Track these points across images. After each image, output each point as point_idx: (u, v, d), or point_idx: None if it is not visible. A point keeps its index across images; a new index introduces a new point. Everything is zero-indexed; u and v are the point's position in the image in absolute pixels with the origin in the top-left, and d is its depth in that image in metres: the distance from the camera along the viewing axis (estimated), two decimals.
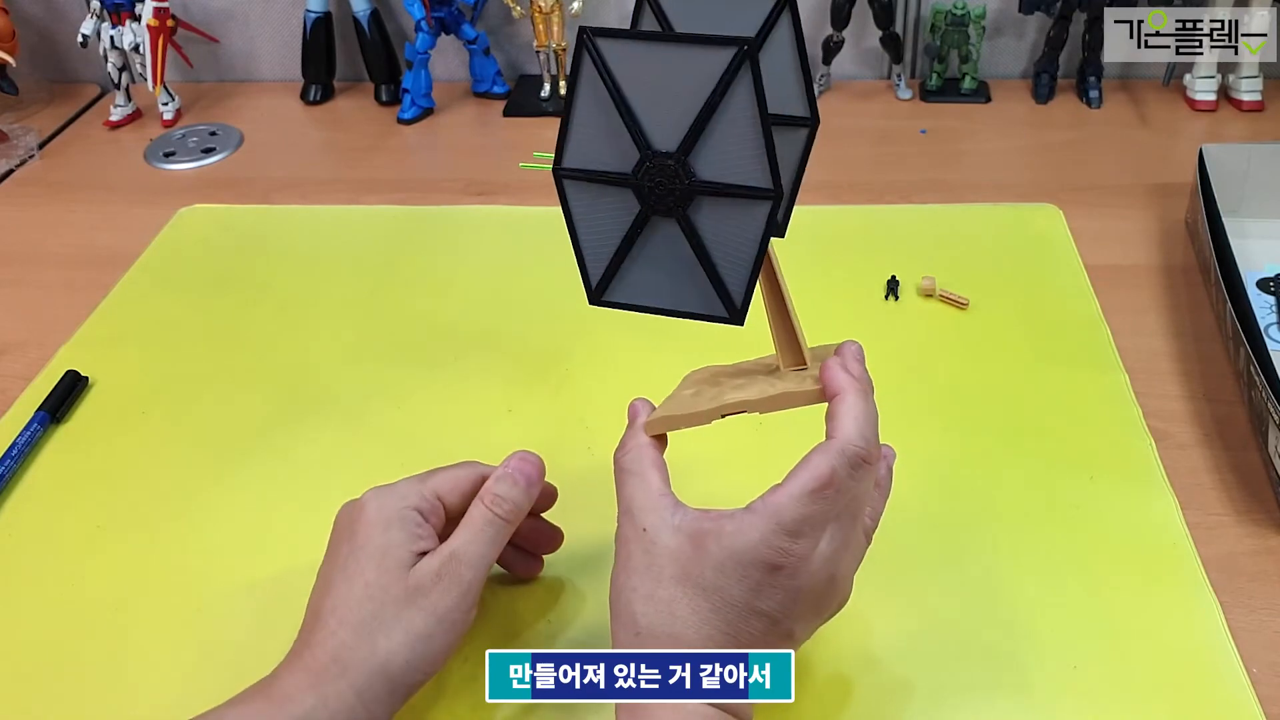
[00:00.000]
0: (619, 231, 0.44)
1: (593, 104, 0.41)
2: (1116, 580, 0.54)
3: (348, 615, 0.43)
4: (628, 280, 0.44)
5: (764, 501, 0.41)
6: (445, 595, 0.43)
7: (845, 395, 0.43)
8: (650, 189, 0.42)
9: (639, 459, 0.44)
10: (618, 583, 0.42)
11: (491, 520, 0.46)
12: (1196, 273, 0.76)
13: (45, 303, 0.80)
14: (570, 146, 0.42)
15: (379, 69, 1.09)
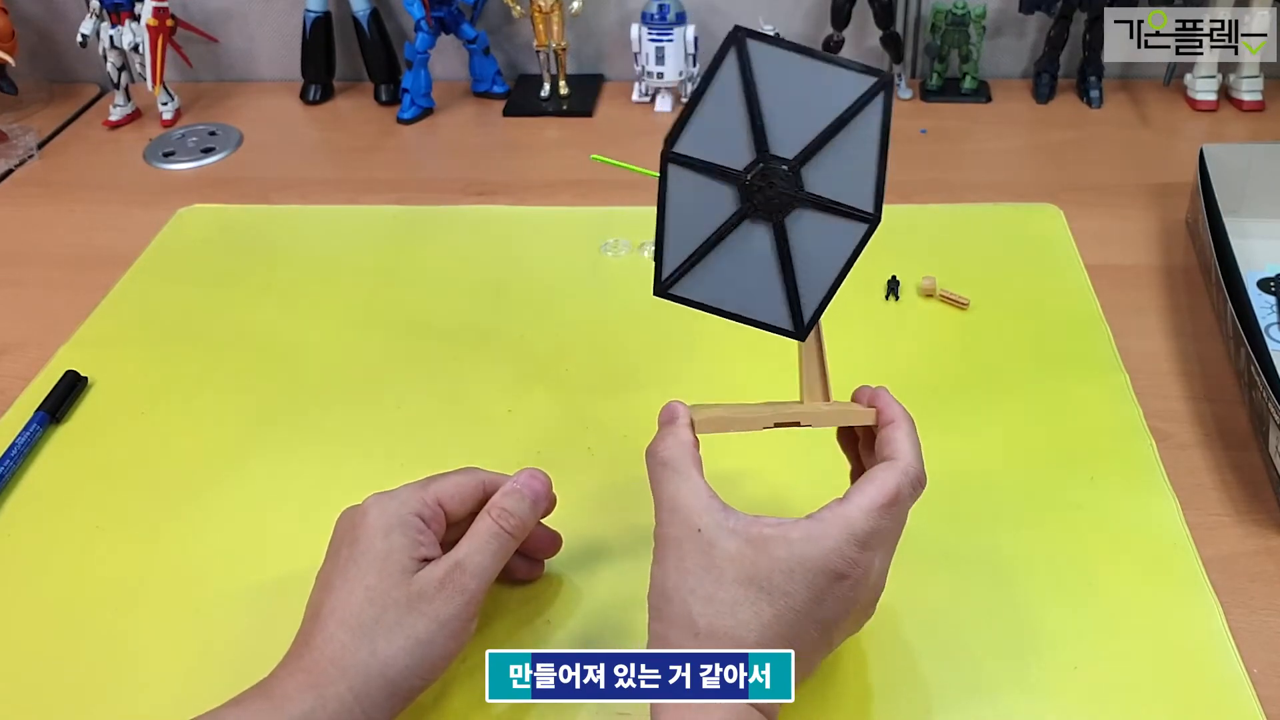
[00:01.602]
0: (709, 227, 0.44)
1: (724, 98, 0.42)
2: (1116, 580, 0.54)
3: (348, 618, 0.43)
4: (700, 277, 0.44)
5: (834, 512, 0.42)
6: (448, 603, 0.43)
7: (901, 422, 0.45)
8: (755, 190, 0.43)
9: (682, 456, 0.43)
10: (669, 583, 0.42)
11: (497, 534, 0.46)
12: (1197, 273, 0.76)
13: (45, 303, 0.80)
14: (688, 133, 0.42)
15: (379, 69, 1.09)
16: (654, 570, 0.42)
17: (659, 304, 0.46)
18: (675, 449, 0.43)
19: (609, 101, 1.08)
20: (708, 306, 0.46)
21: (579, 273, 0.79)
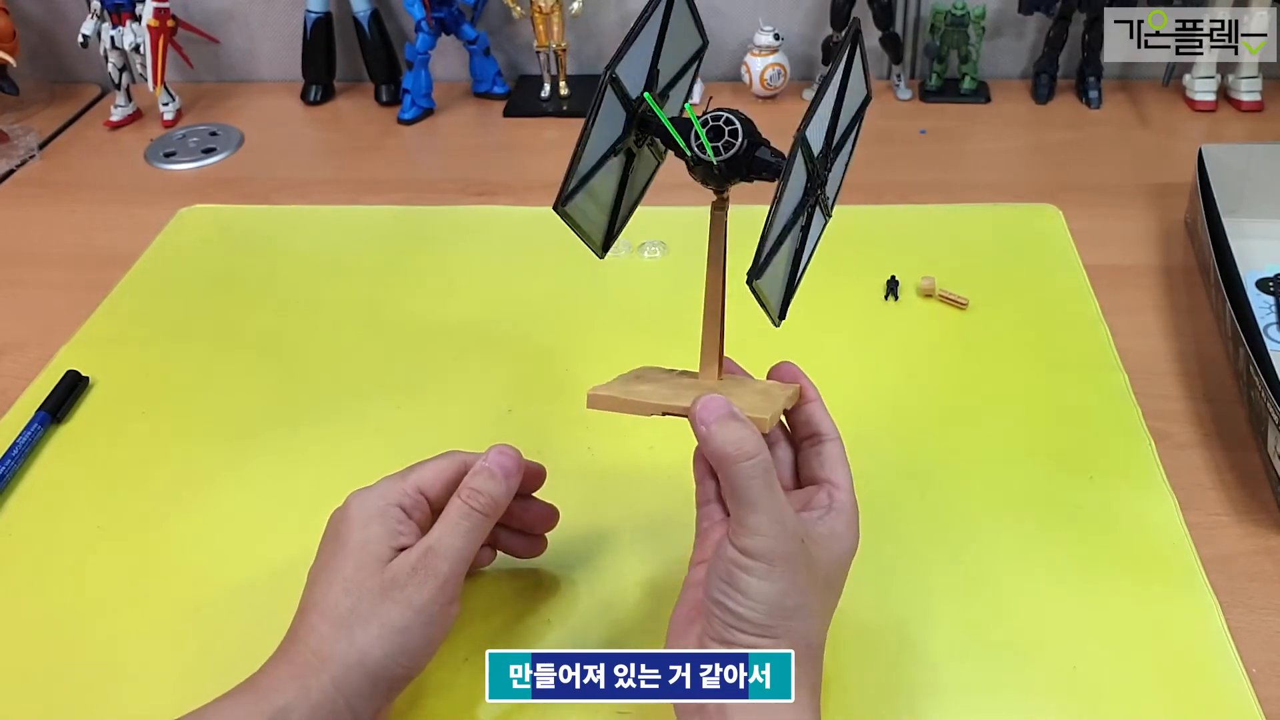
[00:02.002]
0: (791, 217, 0.44)
1: (833, 95, 0.42)
2: (1116, 580, 0.54)
3: (327, 610, 0.43)
4: (771, 270, 0.43)
5: (837, 499, 0.45)
6: (421, 588, 0.43)
7: (818, 401, 0.48)
8: (814, 180, 0.44)
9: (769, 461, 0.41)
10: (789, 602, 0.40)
11: (468, 514, 0.45)
12: (1196, 273, 0.76)
13: (45, 303, 0.80)
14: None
15: (379, 69, 1.09)
16: (759, 587, 0.40)
17: (659, 304, 0.47)
18: (763, 448, 0.41)
19: None
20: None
21: (579, 273, 0.79)
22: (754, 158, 0.44)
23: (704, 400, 0.41)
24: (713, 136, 0.43)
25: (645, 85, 0.45)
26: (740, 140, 0.43)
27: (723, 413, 0.41)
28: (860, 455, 0.61)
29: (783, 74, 1.03)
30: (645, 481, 0.59)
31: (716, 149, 0.43)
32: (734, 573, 0.40)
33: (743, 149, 0.43)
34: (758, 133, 0.44)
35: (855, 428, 0.63)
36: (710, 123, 0.44)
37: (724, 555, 0.40)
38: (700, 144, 0.43)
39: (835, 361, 0.69)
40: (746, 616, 0.40)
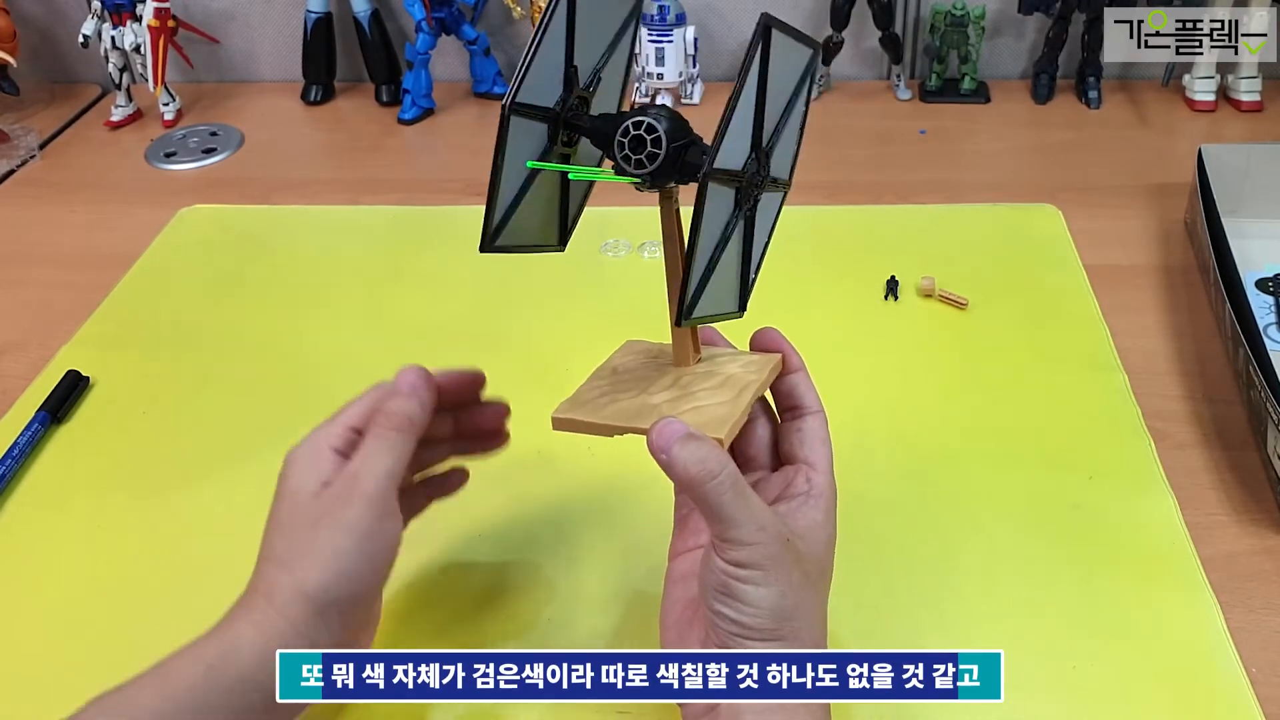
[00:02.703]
0: (720, 237, 0.42)
1: (751, 100, 0.40)
2: (1116, 580, 0.54)
3: (268, 554, 0.44)
4: (708, 296, 0.42)
5: (816, 483, 0.44)
6: (349, 508, 0.43)
7: (802, 371, 0.47)
8: (747, 188, 0.42)
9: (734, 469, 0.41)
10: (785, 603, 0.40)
11: (382, 435, 0.45)
12: (1196, 273, 0.76)
13: (45, 303, 0.80)
14: (722, 151, 0.39)
15: (379, 69, 1.09)
16: (757, 594, 0.39)
17: (660, 304, 0.46)
18: (727, 463, 0.40)
19: None
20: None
21: (579, 273, 0.79)
22: (684, 162, 0.41)
23: (658, 428, 0.41)
24: (634, 146, 0.41)
25: (564, 86, 0.43)
26: (663, 149, 0.40)
27: (678, 436, 0.40)
28: (860, 455, 0.62)
29: None
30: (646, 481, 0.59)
31: (639, 161, 0.41)
32: (729, 584, 0.40)
33: (667, 157, 0.40)
34: (687, 131, 0.41)
35: (855, 428, 0.64)
36: (631, 131, 0.41)
37: (714, 568, 0.40)
38: (625, 155, 0.41)
39: (835, 361, 0.69)
40: (751, 624, 0.40)
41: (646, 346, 0.50)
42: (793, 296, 0.76)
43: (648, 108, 0.42)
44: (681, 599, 0.45)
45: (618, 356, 0.50)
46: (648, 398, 0.45)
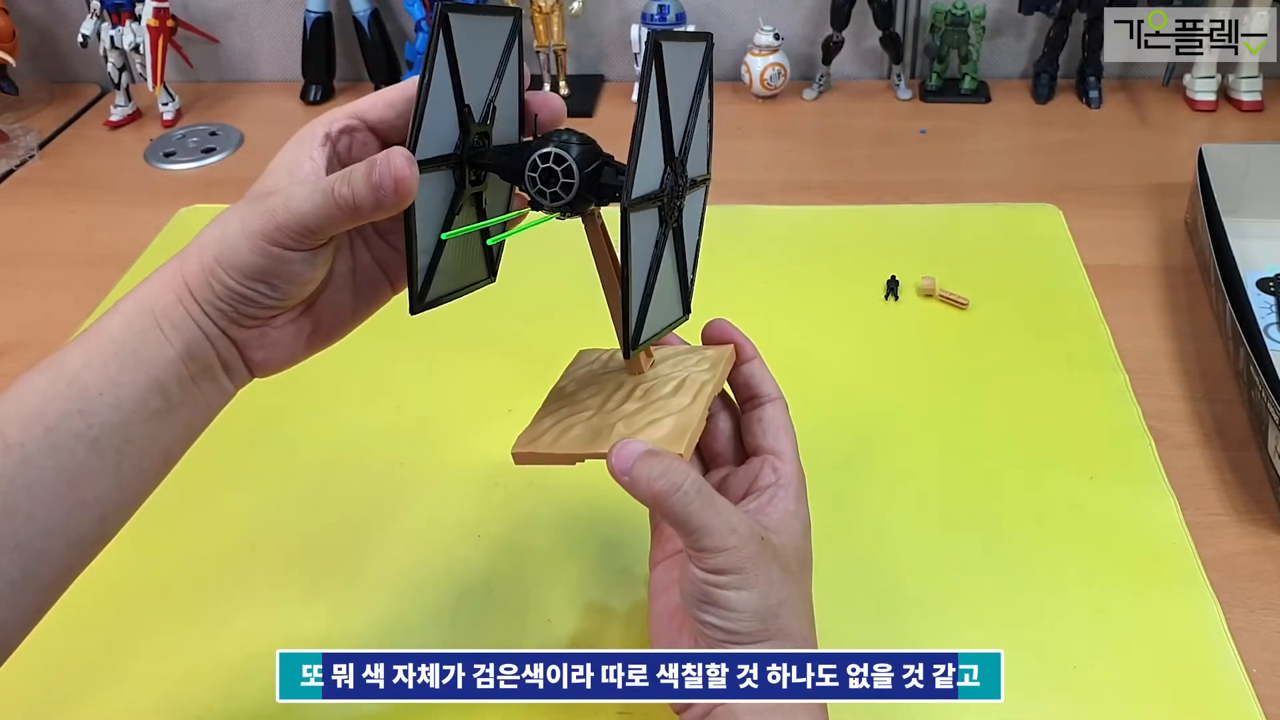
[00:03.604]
0: (652, 259, 0.41)
1: (655, 121, 0.39)
2: (1116, 580, 0.54)
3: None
4: (651, 317, 0.42)
5: (785, 473, 0.43)
6: (256, 217, 0.41)
7: (757, 359, 0.46)
8: (669, 204, 0.41)
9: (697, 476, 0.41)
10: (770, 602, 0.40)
11: (326, 192, 0.40)
12: (1196, 273, 0.76)
13: (46, 303, 0.80)
14: (638, 176, 0.38)
15: (379, 69, 1.09)
16: (740, 598, 0.39)
17: None
18: (689, 473, 0.40)
19: (609, 102, 1.08)
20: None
21: (579, 273, 0.79)
22: (599, 184, 0.40)
23: (616, 451, 0.40)
24: (546, 179, 0.40)
25: (460, 128, 0.42)
26: (576, 178, 0.39)
27: (637, 456, 0.40)
28: (860, 455, 0.62)
29: (783, 74, 1.03)
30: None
31: (555, 194, 0.40)
32: (710, 592, 0.39)
33: (581, 186, 0.40)
34: (597, 153, 0.41)
35: (855, 427, 0.64)
36: (540, 165, 0.40)
37: (693, 578, 0.40)
38: (539, 190, 0.40)
39: (835, 361, 0.69)
40: (738, 629, 0.39)
41: (598, 355, 0.50)
42: (793, 296, 0.76)
43: (552, 135, 0.40)
44: (667, 609, 0.44)
45: (570, 370, 0.50)
46: (605, 416, 0.44)
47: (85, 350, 0.40)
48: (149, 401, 0.40)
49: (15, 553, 0.38)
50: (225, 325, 0.42)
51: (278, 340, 0.44)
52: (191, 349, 0.41)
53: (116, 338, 0.40)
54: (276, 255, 0.40)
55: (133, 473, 0.41)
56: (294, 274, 0.41)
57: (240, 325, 0.42)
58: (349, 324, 0.46)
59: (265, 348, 0.44)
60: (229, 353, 0.43)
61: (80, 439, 0.39)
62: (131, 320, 0.41)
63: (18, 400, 0.39)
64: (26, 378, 0.40)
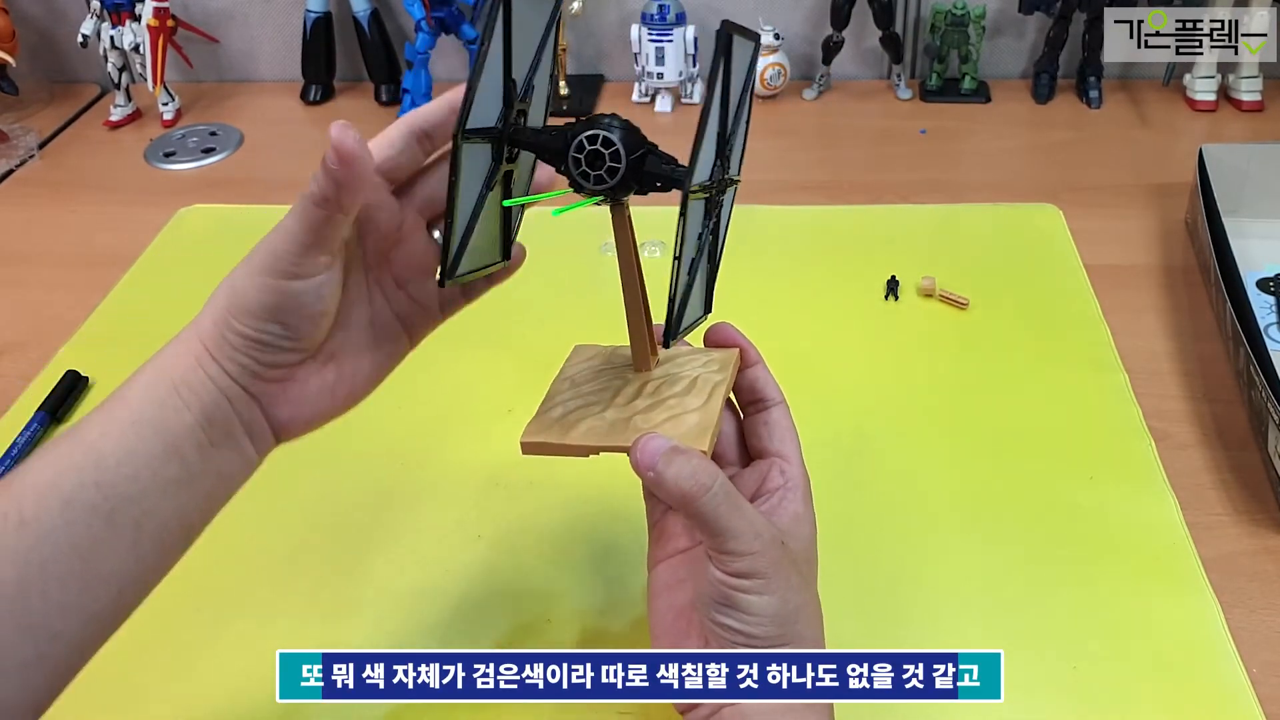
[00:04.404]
0: (697, 250, 0.41)
1: (718, 111, 0.39)
2: (1116, 580, 0.54)
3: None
4: (690, 306, 0.42)
5: (795, 481, 0.43)
6: (256, 256, 0.42)
7: (760, 364, 0.46)
8: (715, 197, 0.41)
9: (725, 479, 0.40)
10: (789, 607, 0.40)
11: (303, 198, 0.41)
12: (1196, 273, 0.76)
13: (45, 303, 0.80)
14: (699, 161, 0.38)
15: (379, 69, 1.09)
16: (761, 602, 0.39)
17: (659, 303, 0.46)
18: (718, 474, 0.39)
19: (609, 102, 1.08)
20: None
21: (579, 273, 0.79)
22: (643, 172, 0.40)
23: (641, 445, 0.40)
24: (592, 162, 0.40)
25: (504, 102, 0.41)
26: (623, 163, 0.39)
27: (664, 452, 0.39)
28: (860, 455, 0.62)
29: (783, 74, 1.03)
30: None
31: (599, 177, 0.40)
32: (731, 595, 0.39)
33: (626, 171, 0.39)
34: (642, 140, 0.40)
35: (855, 427, 0.64)
36: (587, 146, 0.40)
37: (713, 580, 0.40)
38: (582, 172, 0.40)
39: (835, 361, 0.69)
40: (756, 633, 0.39)
41: (597, 350, 0.49)
42: (793, 296, 0.76)
43: (596, 119, 0.40)
44: (671, 608, 0.44)
45: (570, 366, 0.49)
46: (618, 411, 0.44)
47: (103, 420, 0.40)
48: (166, 470, 0.39)
49: (29, 632, 0.37)
50: (246, 380, 0.41)
51: (300, 396, 0.43)
52: (210, 413, 0.40)
53: (134, 406, 0.40)
54: (283, 288, 0.40)
55: (151, 546, 0.39)
56: (303, 305, 0.41)
57: (261, 378, 0.42)
58: (370, 379, 0.46)
59: (289, 404, 0.43)
60: (251, 413, 0.42)
61: (96, 512, 0.38)
62: (149, 388, 0.40)
63: (35, 471, 0.38)
64: (45, 447, 0.39)
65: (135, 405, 0.40)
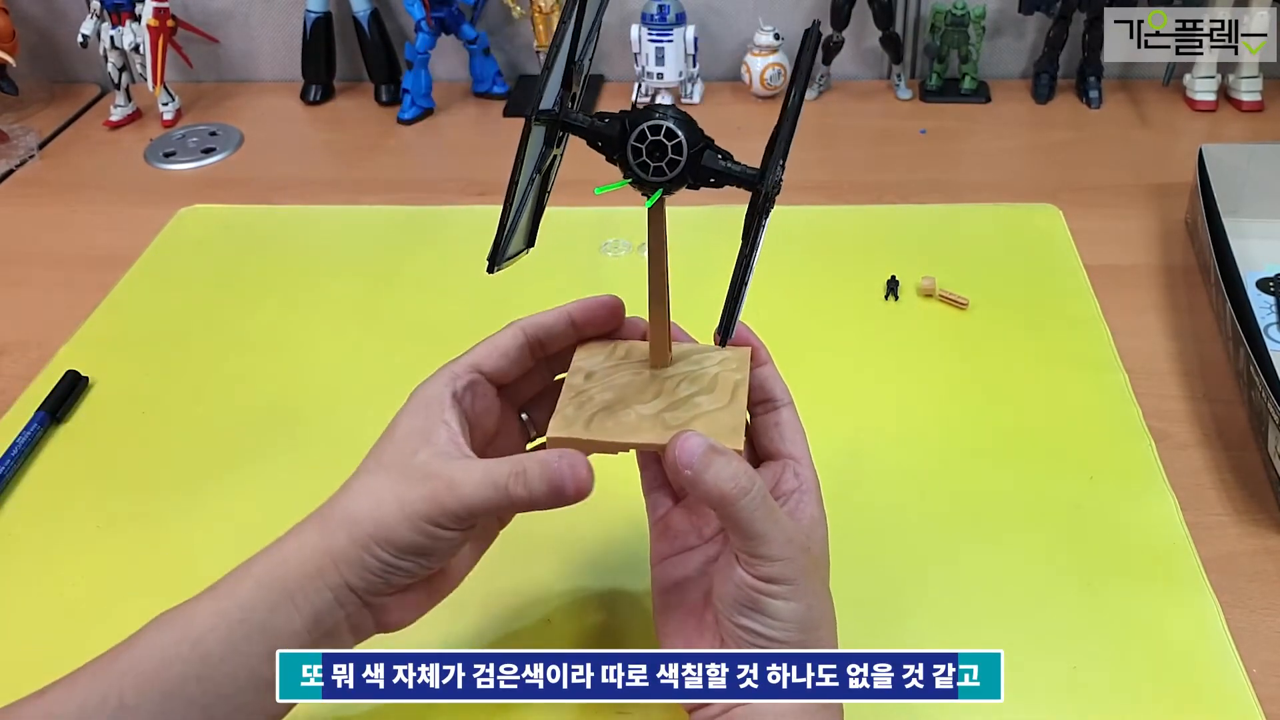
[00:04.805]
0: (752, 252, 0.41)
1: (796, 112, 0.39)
2: (1116, 580, 0.54)
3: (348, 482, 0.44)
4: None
5: (809, 484, 0.44)
6: (419, 501, 0.40)
7: (770, 364, 0.47)
8: (769, 197, 0.41)
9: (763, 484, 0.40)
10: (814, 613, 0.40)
11: (499, 486, 0.40)
12: (1196, 273, 0.76)
13: (45, 303, 0.80)
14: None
15: (379, 69, 1.09)
16: (788, 608, 0.39)
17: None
18: (756, 478, 0.39)
19: (609, 102, 1.08)
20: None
21: (579, 273, 0.79)
22: (700, 166, 0.40)
23: (680, 443, 0.39)
24: (653, 153, 0.39)
25: (563, 84, 0.40)
26: (684, 156, 0.39)
27: (703, 451, 0.39)
28: (860, 455, 0.62)
29: (783, 74, 1.03)
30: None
31: (659, 169, 0.39)
32: (757, 599, 0.39)
33: (687, 165, 0.39)
34: (700, 134, 0.40)
35: (855, 427, 0.64)
36: (649, 136, 0.39)
37: (740, 583, 0.40)
38: (641, 162, 0.39)
39: (835, 361, 0.69)
40: (779, 637, 0.39)
41: (602, 345, 0.49)
42: (793, 296, 0.76)
43: (653, 108, 0.40)
44: (680, 606, 0.44)
45: (582, 360, 0.48)
46: (644, 407, 0.44)
47: (213, 614, 0.41)
48: (265, 671, 0.40)
49: None
50: (368, 596, 0.42)
51: (414, 602, 0.44)
52: (320, 617, 0.41)
53: (246, 606, 0.41)
54: (438, 535, 0.40)
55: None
56: (451, 549, 0.42)
57: (384, 594, 0.42)
58: (468, 570, 0.47)
59: (402, 609, 0.44)
60: (361, 617, 0.43)
61: (193, 705, 0.39)
62: (264, 591, 0.41)
63: (141, 657, 0.40)
64: (153, 630, 0.41)
65: (246, 604, 0.41)
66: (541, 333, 0.46)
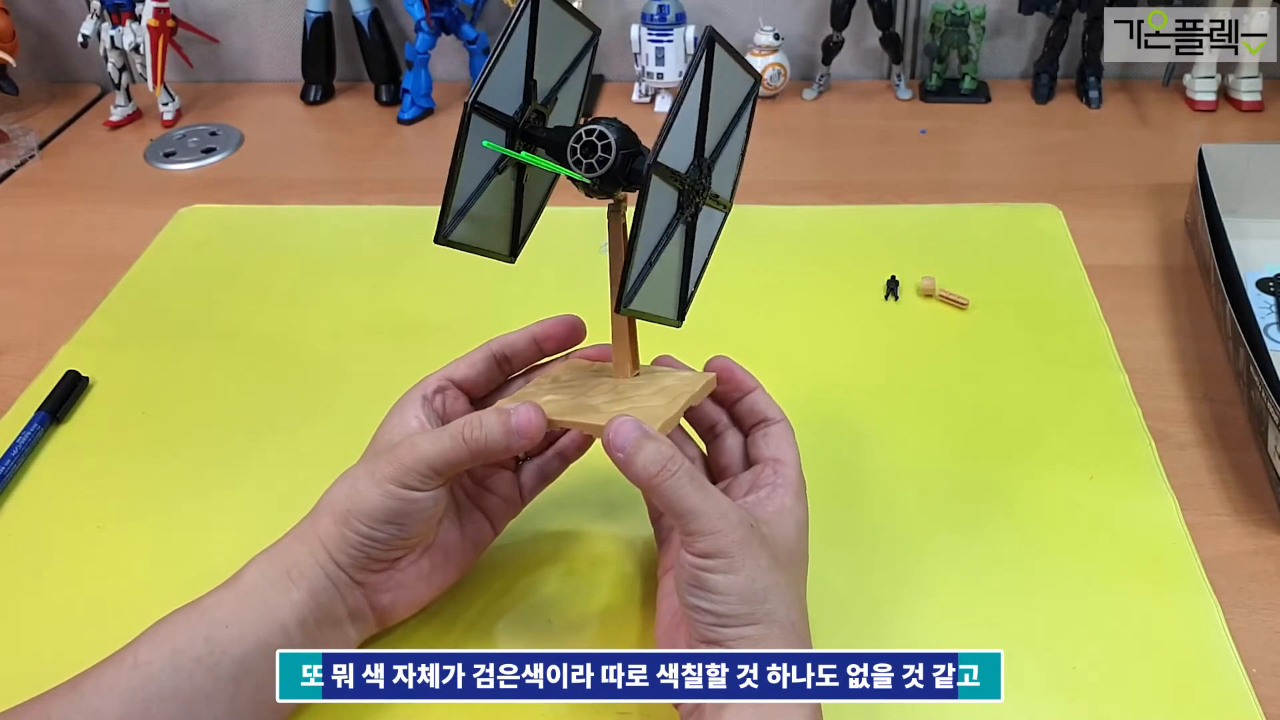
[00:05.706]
0: (661, 236, 0.44)
1: (695, 106, 0.42)
2: (1116, 580, 0.54)
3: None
4: (646, 290, 0.44)
5: (783, 475, 0.46)
6: (385, 465, 0.45)
7: (759, 389, 0.49)
8: (689, 193, 0.44)
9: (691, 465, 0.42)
10: (757, 585, 0.41)
11: (454, 436, 0.45)
12: (1196, 273, 0.76)
13: (45, 303, 0.80)
14: (666, 153, 0.41)
15: (379, 69, 1.09)
16: (726, 581, 0.40)
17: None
18: (682, 459, 0.42)
19: (609, 102, 1.08)
20: (651, 316, 0.46)
21: (579, 273, 0.79)
22: (630, 169, 0.44)
23: (614, 426, 0.42)
24: (586, 152, 0.43)
25: (523, 98, 0.46)
26: (613, 155, 0.43)
27: (635, 435, 0.41)
28: (860, 455, 0.62)
29: (783, 74, 1.03)
30: None
31: (590, 165, 0.43)
32: (698, 575, 0.41)
33: (616, 164, 0.43)
34: (636, 142, 0.44)
35: (855, 428, 0.64)
36: (584, 138, 0.43)
37: (684, 563, 0.41)
38: (575, 160, 0.44)
39: (835, 361, 0.69)
40: (723, 612, 0.41)
41: (587, 365, 0.52)
42: (793, 296, 0.76)
43: (599, 119, 0.44)
44: (670, 611, 0.46)
45: (558, 369, 0.52)
46: (590, 399, 0.47)
47: (219, 594, 0.45)
48: (270, 637, 0.44)
49: None
50: (354, 572, 0.46)
51: (400, 583, 0.48)
52: (317, 595, 0.45)
53: (249, 585, 0.45)
54: (405, 497, 0.45)
55: (248, 702, 0.43)
56: (419, 512, 0.46)
57: (369, 570, 0.47)
58: (460, 567, 0.51)
59: (392, 590, 0.48)
60: (357, 601, 0.47)
61: (201, 663, 0.42)
62: (262, 571, 0.46)
63: (155, 628, 0.44)
64: (169, 616, 0.45)
65: (248, 581, 0.45)
66: (507, 348, 0.51)
